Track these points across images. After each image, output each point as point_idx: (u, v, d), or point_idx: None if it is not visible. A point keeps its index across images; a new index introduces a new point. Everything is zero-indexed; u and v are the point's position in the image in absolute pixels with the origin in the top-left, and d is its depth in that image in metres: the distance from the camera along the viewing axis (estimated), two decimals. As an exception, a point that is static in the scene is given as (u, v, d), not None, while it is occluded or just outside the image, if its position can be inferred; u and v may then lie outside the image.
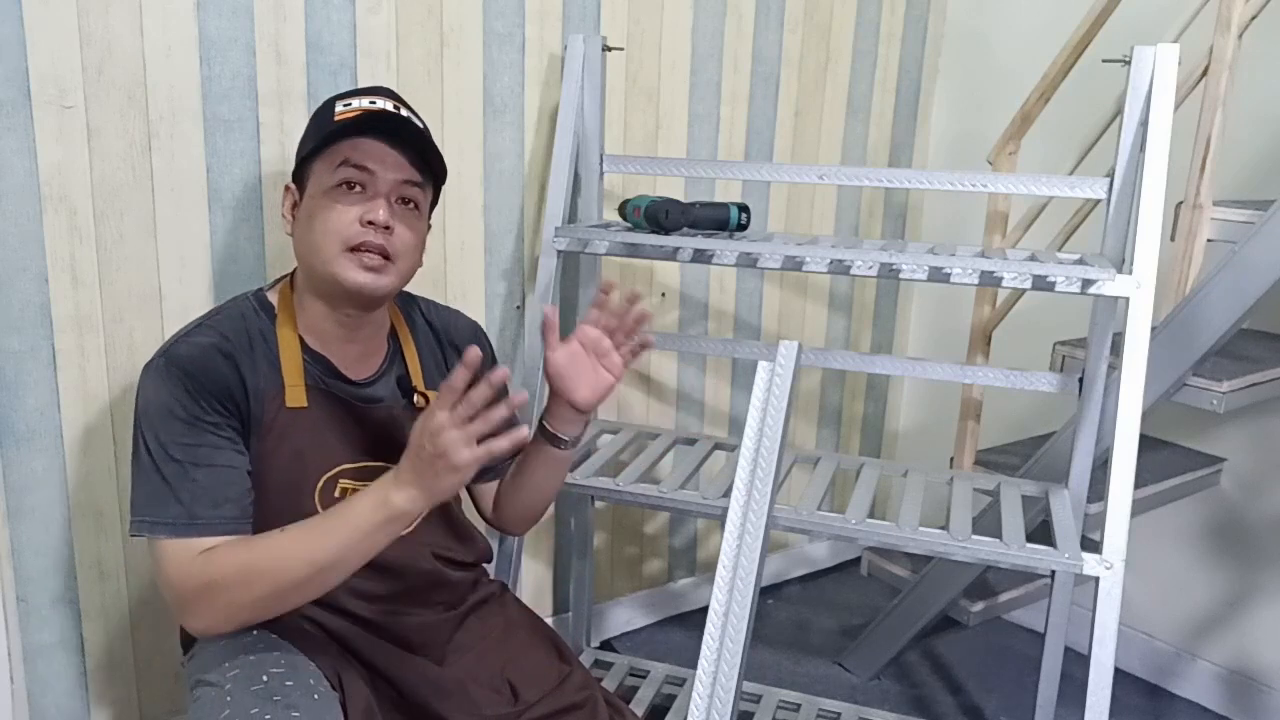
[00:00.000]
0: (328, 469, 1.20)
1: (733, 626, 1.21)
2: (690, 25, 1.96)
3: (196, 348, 1.13)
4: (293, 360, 1.18)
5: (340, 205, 1.15)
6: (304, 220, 1.18)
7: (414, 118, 1.20)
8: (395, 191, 1.17)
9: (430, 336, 1.35)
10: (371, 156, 1.16)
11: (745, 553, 1.27)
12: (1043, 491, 1.65)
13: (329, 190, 1.15)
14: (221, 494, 1.10)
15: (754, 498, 1.29)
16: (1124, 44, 1.48)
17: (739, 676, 1.19)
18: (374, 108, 1.18)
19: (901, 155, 2.39)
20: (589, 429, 1.86)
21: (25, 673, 1.45)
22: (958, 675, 2.11)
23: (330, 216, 1.15)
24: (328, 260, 1.15)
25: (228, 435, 1.13)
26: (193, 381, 1.11)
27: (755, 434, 1.33)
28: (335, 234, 1.14)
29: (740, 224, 1.67)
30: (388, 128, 1.17)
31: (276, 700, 1.03)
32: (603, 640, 2.14)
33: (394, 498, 1.07)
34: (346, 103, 1.19)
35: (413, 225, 1.19)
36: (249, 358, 1.16)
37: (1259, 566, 1.93)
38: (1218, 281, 1.49)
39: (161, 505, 1.09)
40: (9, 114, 1.31)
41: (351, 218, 1.14)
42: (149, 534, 1.09)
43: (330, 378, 1.21)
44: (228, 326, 1.17)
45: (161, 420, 1.10)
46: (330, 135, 1.16)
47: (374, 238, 1.15)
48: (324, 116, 1.20)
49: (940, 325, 2.46)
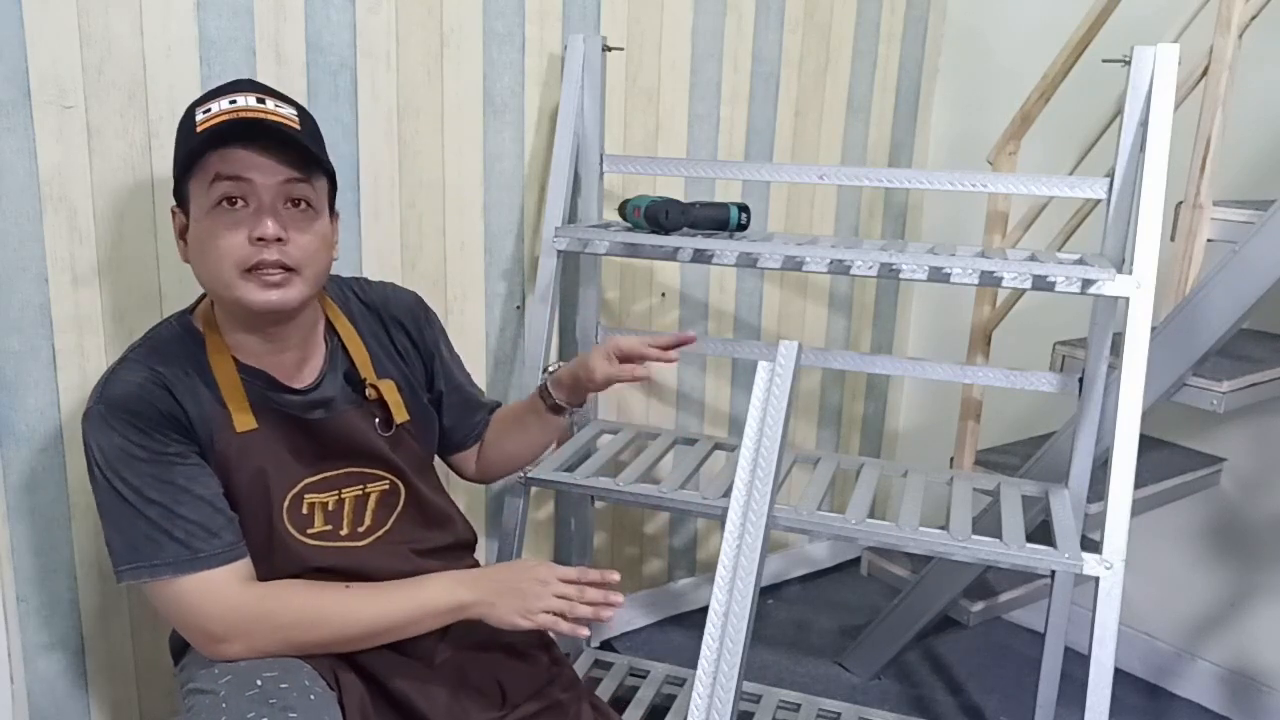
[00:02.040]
0: (291, 487, 1.18)
1: (733, 626, 1.21)
2: (690, 25, 1.96)
3: (132, 385, 1.09)
4: (231, 384, 1.14)
5: (225, 226, 1.08)
6: (195, 246, 1.11)
7: (282, 106, 1.12)
8: (279, 196, 1.09)
9: (371, 318, 1.31)
10: (244, 165, 1.07)
11: (745, 553, 1.27)
12: (1043, 491, 1.65)
13: (209, 211, 1.08)
14: (211, 523, 1.09)
15: (754, 498, 1.29)
16: (1124, 44, 1.48)
17: (739, 676, 1.19)
18: (235, 109, 1.08)
19: (901, 155, 2.39)
20: (589, 429, 1.86)
21: (25, 673, 1.45)
22: (958, 675, 2.11)
23: (218, 240, 1.08)
24: (228, 285, 1.09)
25: (194, 462, 1.10)
26: (140, 419, 1.08)
27: (755, 434, 1.33)
28: (228, 258, 1.08)
29: (740, 224, 1.67)
30: (254, 130, 1.07)
31: (272, 703, 1.03)
32: (603, 640, 2.14)
33: (462, 594, 1.14)
34: (206, 108, 1.10)
35: (309, 227, 1.12)
36: (185, 385, 1.12)
37: (1259, 566, 1.93)
38: (1218, 281, 1.49)
39: (156, 548, 1.07)
40: (9, 114, 1.31)
41: (240, 239, 1.07)
42: (149, 578, 1.07)
43: (273, 391, 1.17)
44: (156, 357, 1.13)
45: (125, 465, 1.07)
46: (195, 150, 1.07)
47: (268, 254, 1.08)
48: (186, 128, 1.11)
49: (940, 325, 2.46)
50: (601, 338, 1.86)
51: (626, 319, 2.03)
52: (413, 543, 1.27)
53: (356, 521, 1.23)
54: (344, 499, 1.22)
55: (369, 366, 1.26)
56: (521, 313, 1.87)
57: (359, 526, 1.23)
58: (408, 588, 1.15)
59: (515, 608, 1.14)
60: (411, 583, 1.16)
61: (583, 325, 1.86)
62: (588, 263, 1.83)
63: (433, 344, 1.36)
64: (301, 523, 1.18)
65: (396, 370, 1.30)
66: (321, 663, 1.13)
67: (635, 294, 2.04)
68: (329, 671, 1.13)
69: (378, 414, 1.25)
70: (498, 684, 1.27)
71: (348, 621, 1.11)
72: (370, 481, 1.24)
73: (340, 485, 1.22)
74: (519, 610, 1.14)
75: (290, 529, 1.17)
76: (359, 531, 1.23)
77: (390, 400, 1.25)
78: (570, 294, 1.89)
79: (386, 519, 1.25)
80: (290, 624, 1.10)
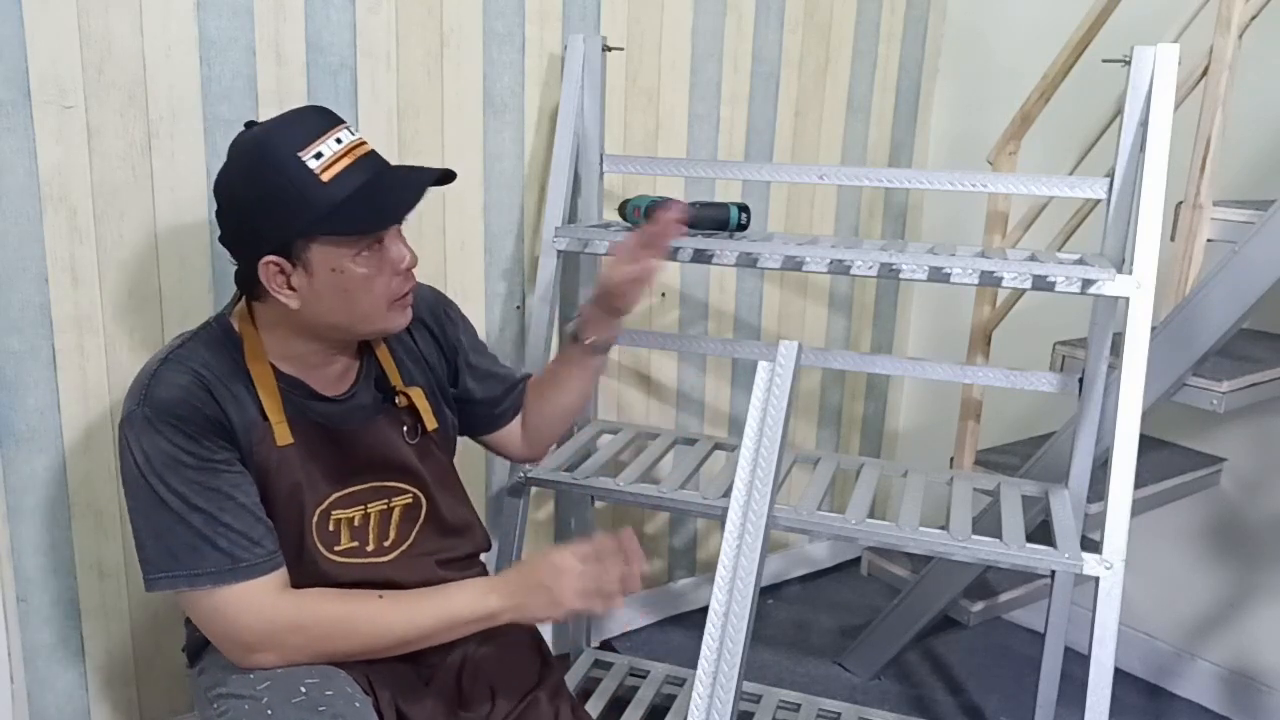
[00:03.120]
0: (320, 502, 1.17)
1: (733, 626, 1.21)
2: (690, 25, 1.96)
3: (177, 389, 1.08)
4: (270, 392, 1.14)
5: (376, 268, 1.11)
6: (330, 294, 1.10)
7: (357, 132, 1.13)
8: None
9: None
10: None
11: (745, 553, 1.27)
12: (1043, 491, 1.65)
13: (357, 257, 1.09)
14: (253, 531, 1.09)
15: (754, 498, 1.29)
16: (1124, 44, 1.48)
17: (739, 676, 1.19)
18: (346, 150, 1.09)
19: (901, 155, 2.39)
20: (589, 429, 1.86)
21: (25, 673, 1.45)
22: (958, 675, 2.11)
23: (374, 285, 1.11)
24: (373, 320, 1.14)
25: (238, 469, 1.10)
26: (187, 425, 1.07)
27: (755, 434, 1.33)
28: (384, 295, 1.13)
29: (740, 224, 1.67)
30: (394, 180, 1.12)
31: (322, 710, 1.04)
32: (603, 640, 2.14)
33: (491, 602, 1.13)
34: (316, 153, 1.07)
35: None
36: (229, 391, 1.11)
37: (1259, 566, 1.93)
38: (1218, 281, 1.49)
39: (198, 556, 1.06)
40: (9, 114, 1.31)
41: (389, 273, 1.12)
42: (188, 587, 1.06)
43: (308, 399, 1.18)
44: (199, 359, 1.12)
45: (171, 471, 1.06)
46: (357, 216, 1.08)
47: (410, 280, 1.16)
48: (300, 180, 1.06)
49: (940, 325, 2.46)
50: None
51: (627, 319, 2.03)
52: (435, 554, 1.27)
53: (381, 536, 1.23)
54: (369, 514, 1.21)
55: (397, 375, 1.26)
56: (521, 313, 1.87)
57: (384, 541, 1.23)
58: (438, 597, 1.14)
59: (544, 603, 1.13)
60: (441, 592, 1.15)
61: (583, 325, 1.86)
62: (588, 263, 1.83)
63: (455, 339, 1.36)
64: (329, 540, 1.18)
65: (422, 376, 1.30)
66: (355, 668, 1.13)
67: (635, 294, 2.03)
68: (362, 677, 1.13)
69: (406, 421, 1.25)
70: (489, 688, 1.27)
71: (379, 632, 1.11)
72: (395, 496, 1.24)
73: (366, 500, 1.21)
74: (549, 605, 1.13)
75: (319, 546, 1.17)
76: (384, 546, 1.23)
77: (420, 407, 1.26)
78: (570, 294, 1.88)
79: (409, 532, 1.25)
80: (323, 635, 1.09)
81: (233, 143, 1.12)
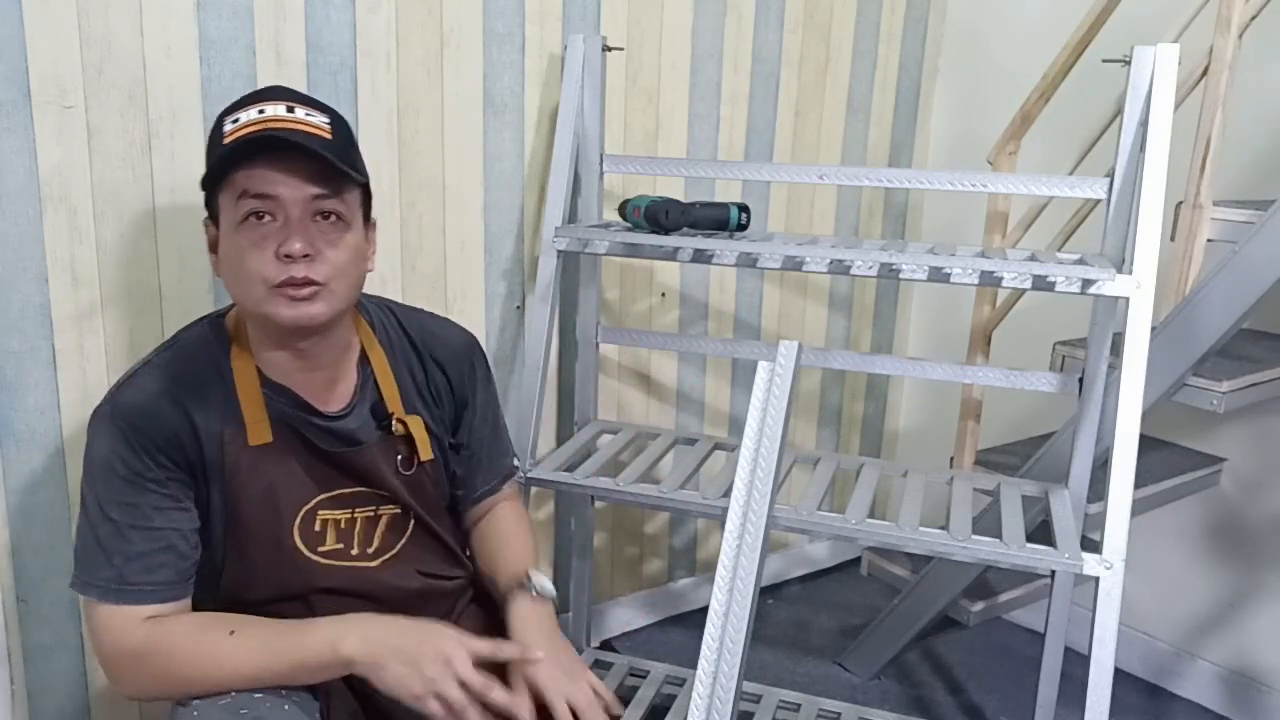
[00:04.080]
0: (303, 503, 1.16)
1: (733, 626, 1.21)
2: (690, 25, 1.96)
3: (143, 394, 1.08)
4: (252, 395, 1.12)
5: (253, 242, 1.05)
6: (225, 261, 1.09)
7: (313, 115, 1.08)
8: (308, 211, 1.06)
9: (409, 351, 1.27)
10: (271, 181, 1.04)
11: (745, 553, 1.27)
12: (1043, 491, 1.65)
13: (238, 226, 1.05)
14: (157, 559, 1.07)
15: (754, 498, 1.29)
16: (1124, 44, 1.48)
17: (739, 676, 1.19)
18: (263, 120, 1.05)
19: (901, 155, 2.39)
20: (589, 429, 1.87)
21: (25, 673, 1.45)
22: (958, 675, 2.11)
23: (246, 257, 1.05)
24: (258, 302, 1.07)
25: (171, 492, 1.08)
26: (137, 435, 1.06)
27: (755, 434, 1.33)
28: (256, 275, 1.05)
29: (740, 224, 1.67)
30: (282, 143, 1.04)
31: (243, 713, 1.03)
32: (603, 640, 2.14)
33: (347, 649, 1.04)
34: (234, 118, 1.07)
35: (339, 240, 1.08)
36: (201, 400, 1.10)
37: (1259, 566, 1.93)
38: (1218, 281, 1.49)
39: (94, 566, 1.06)
40: (9, 114, 1.31)
41: (268, 254, 1.04)
42: (80, 592, 1.07)
43: (296, 410, 1.14)
44: (180, 364, 1.11)
45: (102, 476, 1.06)
46: (222, 164, 1.05)
47: (296, 271, 1.04)
48: (215, 139, 1.08)
49: (940, 325, 2.46)
50: (602, 337, 1.86)
51: (626, 319, 2.03)
52: (421, 567, 1.25)
53: (366, 542, 1.21)
54: (356, 518, 1.20)
55: (397, 400, 1.22)
56: (521, 313, 1.87)
57: (368, 547, 1.21)
58: (291, 637, 1.06)
59: (405, 679, 1.03)
60: (297, 631, 1.07)
61: (583, 325, 1.86)
62: (588, 263, 1.83)
63: (468, 392, 1.31)
64: (313, 540, 1.16)
65: (425, 410, 1.26)
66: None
67: (635, 294, 2.04)
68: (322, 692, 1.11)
69: (401, 450, 1.22)
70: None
71: (224, 668, 1.05)
72: (384, 504, 1.22)
73: (354, 504, 1.19)
74: (407, 683, 1.03)
75: (302, 546, 1.15)
76: (369, 552, 1.21)
77: (417, 437, 1.22)
78: (570, 294, 1.89)
79: (395, 542, 1.23)
80: (167, 669, 1.05)
81: None
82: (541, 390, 1.72)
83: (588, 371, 1.88)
